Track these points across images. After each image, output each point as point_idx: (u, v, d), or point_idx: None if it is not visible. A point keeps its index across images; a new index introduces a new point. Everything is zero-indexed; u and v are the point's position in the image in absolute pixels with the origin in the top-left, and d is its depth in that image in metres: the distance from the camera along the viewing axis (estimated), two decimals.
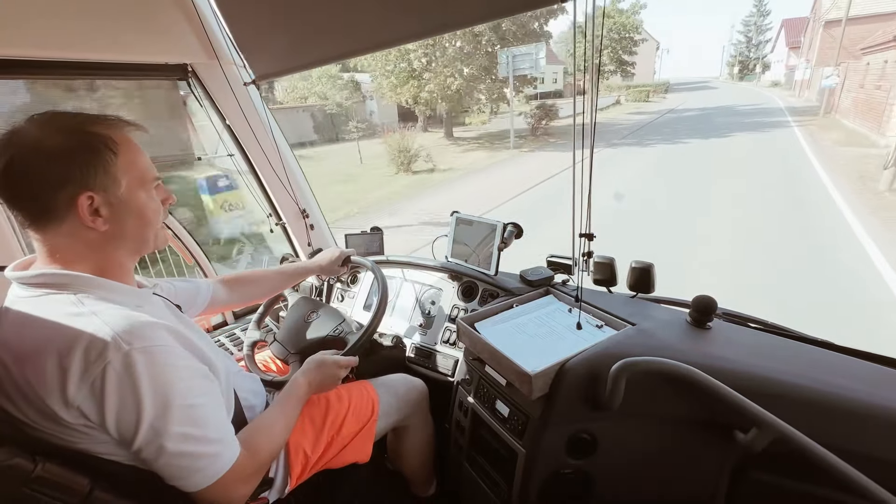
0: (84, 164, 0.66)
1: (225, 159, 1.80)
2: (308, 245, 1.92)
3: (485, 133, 18.17)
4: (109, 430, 0.64)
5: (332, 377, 1.04)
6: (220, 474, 0.70)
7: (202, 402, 0.70)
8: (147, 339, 0.65)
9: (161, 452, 0.66)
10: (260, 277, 1.30)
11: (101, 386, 0.61)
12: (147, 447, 0.65)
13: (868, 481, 0.69)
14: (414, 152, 11.18)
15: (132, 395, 0.63)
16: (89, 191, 0.67)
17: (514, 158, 12.66)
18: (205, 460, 0.69)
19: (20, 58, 1.19)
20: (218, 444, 0.71)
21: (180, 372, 0.68)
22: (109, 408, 0.62)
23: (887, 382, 0.89)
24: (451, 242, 1.55)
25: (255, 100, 1.66)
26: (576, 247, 0.98)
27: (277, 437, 0.87)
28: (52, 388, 0.62)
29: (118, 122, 0.73)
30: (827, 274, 4.08)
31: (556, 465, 0.99)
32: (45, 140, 0.65)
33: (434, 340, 1.51)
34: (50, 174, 0.65)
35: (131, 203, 0.72)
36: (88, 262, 0.71)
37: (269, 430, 0.86)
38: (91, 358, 0.61)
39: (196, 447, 0.68)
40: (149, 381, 0.63)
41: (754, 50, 57.67)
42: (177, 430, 0.66)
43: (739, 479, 0.89)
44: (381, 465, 1.47)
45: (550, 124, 16.43)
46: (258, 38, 1.46)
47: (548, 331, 1.12)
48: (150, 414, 0.64)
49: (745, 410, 0.79)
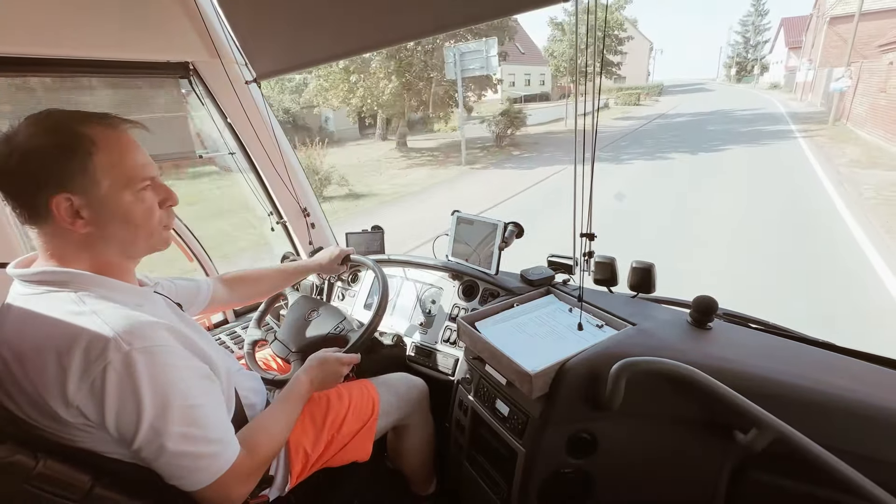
0: (61, 165, 0.65)
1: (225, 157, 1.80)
2: (309, 244, 1.92)
3: (451, 143, 15.45)
4: (109, 430, 0.64)
5: (334, 374, 1.04)
6: (219, 474, 0.70)
7: (202, 403, 0.70)
8: (147, 339, 0.65)
9: (161, 452, 0.66)
10: (260, 276, 1.30)
11: (101, 386, 0.61)
12: (147, 447, 0.65)
13: (868, 482, 0.69)
14: (324, 174, 8.99)
15: (132, 395, 0.63)
16: (67, 192, 0.65)
17: (462, 177, 10.39)
18: (204, 460, 0.69)
19: (21, 55, 1.19)
20: (218, 444, 0.71)
21: (181, 372, 0.68)
22: (109, 407, 0.62)
23: (888, 383, 0.89)
24: (451, 241, 1.55)
25: (257, 98, 1.66)
26: (577, 246, 0.98)
27: (278, 436, 0.87)
28: (53, 386, 0.62)
29: (111, 120, 0.71)
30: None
31: (556, 464, 0.99)
32: (29, 140, 0.65)
33: (434, 339, 1.51)
34: (30, 175, 0.65)
35: (114, 205, 0.69)
36: (83, 261, 0.71)
37: (270, 429, 0.86)
38: (91, 357, 0.61)
39: (196, 447, 0.68)
40: (149, 382, 0.63)
41: (752, 51, 55.37)
42: (177, 431, 0.66)
43: (739, 479, 0.89)
44: (381, 464, 1.47)
45: (517, 133, 14.42)
46: (260, 36, 1.46)
47: (548, 330, 1.12)
48: (150, 414, 0.64)
49: (745, 411, 0.79)
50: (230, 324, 1.88)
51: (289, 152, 1.81)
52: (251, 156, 1.78)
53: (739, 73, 57.64)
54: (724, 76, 65.66)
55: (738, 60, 57.15)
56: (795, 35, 35.26)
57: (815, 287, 3.80)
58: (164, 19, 1.38)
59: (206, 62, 1.54)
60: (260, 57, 1.52)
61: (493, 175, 10.51)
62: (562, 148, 13.14)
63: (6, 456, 0.59)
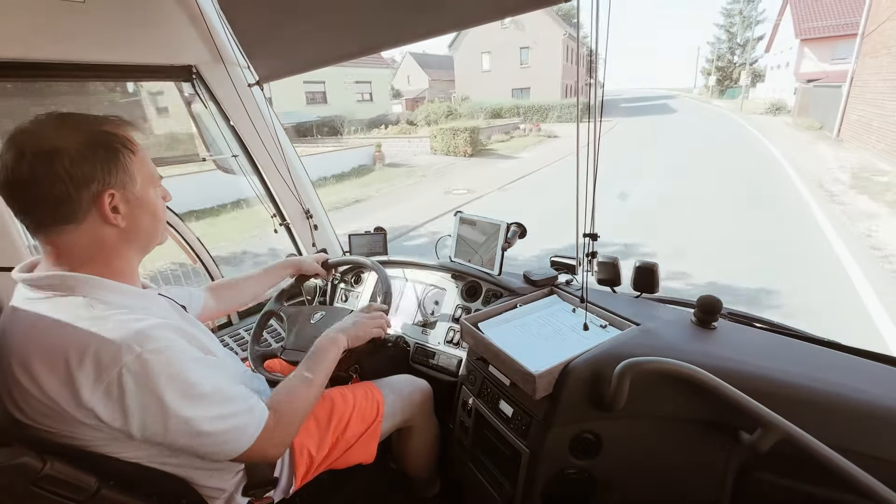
0: (106, 163, 0.69)
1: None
2: (312, 245, 1.93)
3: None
4: (132, 432, 0.65)
5: (366, 323, 1.08)
6: (255, 437, 0.75)
7: (220, 382, 0.73)
8: (158, 341, 0.66)
9: (197, 436, 0.69)
10: (241, 281, 1.32)
11: (119, 390, 0.63)
12: (181, 437, 0.68)
13: (875, 482, 0.68)
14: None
15: (152, 394, 0.64)
16: (110, 188, 0.69)
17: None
18: (237, 432, 0.73)
19: (25, 60, 1.20)
20: (247, 414, 0.75)
21: (194, 363, 0.71)
22: (133, 411, 0.64)
23: (894, 383, 0.88)
24: (454, 242, 1.55)
25: (260, 101, 1.67)
26: (580, 247, 0.98)
27: (305, 394, 0.89)
28: (64, 391, 0.62)
29: (124, 124, 0.75)
30: None
31: (560, 465, 0.99)
32: (64, 140, 0.66)
33: (437, 340, 1.51)
34: (74, 173, 0.66)
35: (145, 200, 0.75)
36: (97, 264, 0.72)
37: (298, 390, 0.89)
38: (104, 363, 0.62)
39: (228, 423, 0.72)
40: (167, 379, 0.65)
41: (739, 53, 39.84)
42: (208, 414, 0.69)
43: (745, 479, 0.88)
44: (385, 466, 1.47)
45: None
46: (262, 39, 1.47)
47: (552, 331, 1.11)
48: (176, 407, 0.66)
49: (749, 411, 0.79)
50: (234, 326, 1.88)
51: (292, 154, 1.82)
52: (254, 158, 1.79)
53: (722, 83, 42.14)
54: (703, 86, 48.29)
55: (721, 66, 42.06)
56: (818, 18, 20.30)
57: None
58: (167, 23, 1.39)
59: (209, 65, 1.55)
60: (262, 60, 1.53)
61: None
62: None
63: (13, 458, 0.59)
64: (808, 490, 0.81)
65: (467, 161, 13.44)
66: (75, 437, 0.66)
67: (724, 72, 41.74)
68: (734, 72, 39.34)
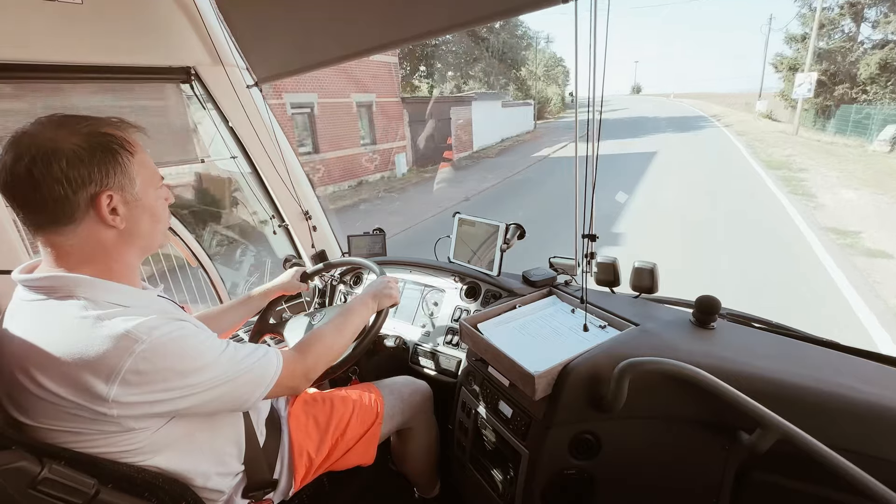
0: (103, 164, 0.69)
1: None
2: (311, 247, 1.92)
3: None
4: (159, 411, 0.69)
5: (391, 288, 1.16)
6: (277, 375, 0.80)
7: (229, 344, 0.78)
8: (164, 328, 0.68)
9: (225, 386, 0.73)
10: (222, 311, 1.25)
11: (136, 378, 0.64)
12: (211, 399, 0.72)
13: (874, 482, 0.68)
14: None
15: (172, 371, 0.67)
16: (108, 190, 0.69)
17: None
18: (262, 365, 0.79)
19: (23, 62, 1.20)
20: (264, 353, 0.81)
21: (204, 336, 0.74)
22: (157, 392, 0.66)
23: (893, 382, 0.88)
24: (453, 243, 1.55)
25: (258, 102, 1.67)
26: (579, 248, 0.98)
27: (330, 341, 0.96)
28: (74, 390, 0.62)
29: (129, 124, 0.75)
30: None
31: (559, 465, 0.99)
32: (64, 142, 0.66)
33: (437, 341, 1.51)
34: (72, 175, 0.66)
35: (145, 201, 0.75)
36: (97, 265, 0.72)
37: (324, 336, 0.95)
38: (113, 359, 0.63)
39: (251, 359, 0.78)
40: (181, 356, 0.68)
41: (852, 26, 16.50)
42: (227, 365, 0.74)
43: (744, 480, 0.88)
44: (384, 467, 1.47)
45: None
46: (260, 40, 1.47)
47: (551, 331, 1.12)
48: (198, 376, 0.70)
49: (749, 411, 0.79)
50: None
51: (290, 155, 1.82)
52: (252, 159, 1.79)
53: (831, 90, 18.47)
54: (779, 97, 23.82)
55: (830, 48, 18.64)
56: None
57: None
58: (165, 24, 1.39)
59: (207, 66, 1.55)
60: (261, 61, 1.53)
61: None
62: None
63: (11, 461, 0.59)
64: (807, 490, 0.81)
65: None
66: (80, 433, 0.66)
67: (836, 64, 18.15)
68: (860, 67, 17.23)
